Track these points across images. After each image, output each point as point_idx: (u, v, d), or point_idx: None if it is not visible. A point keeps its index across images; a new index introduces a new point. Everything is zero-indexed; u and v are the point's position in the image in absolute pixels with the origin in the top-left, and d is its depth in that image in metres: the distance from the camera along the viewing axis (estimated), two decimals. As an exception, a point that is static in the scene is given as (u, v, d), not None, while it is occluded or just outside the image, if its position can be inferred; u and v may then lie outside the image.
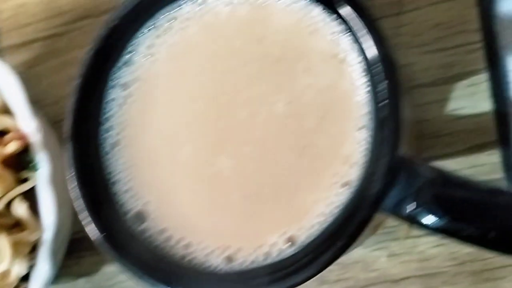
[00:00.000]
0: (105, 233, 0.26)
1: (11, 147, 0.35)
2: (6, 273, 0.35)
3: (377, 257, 0.36)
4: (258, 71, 0.25)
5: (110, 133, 0.27)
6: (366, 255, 0.36)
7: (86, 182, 0.27)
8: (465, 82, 0.34)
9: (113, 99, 0.27)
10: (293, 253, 0.24)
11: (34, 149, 0.34)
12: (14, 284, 0.35)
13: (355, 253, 0.36)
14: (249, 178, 0.25)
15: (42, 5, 0.42)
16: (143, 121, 0.27)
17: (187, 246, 0.26)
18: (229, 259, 0.25)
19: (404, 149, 0.27)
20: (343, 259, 0.25)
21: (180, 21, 0.26)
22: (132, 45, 0.27)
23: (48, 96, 0.41)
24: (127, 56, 0.27)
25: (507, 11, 0.33)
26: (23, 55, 0.42)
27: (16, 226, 0.35)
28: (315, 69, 0.25)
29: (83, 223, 0.26)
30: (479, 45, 0.34)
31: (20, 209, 0.35)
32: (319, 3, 0.24)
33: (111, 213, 0.27)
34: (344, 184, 0.24)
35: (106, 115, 0.27)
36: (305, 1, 0.25)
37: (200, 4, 0.26)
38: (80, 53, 0.27)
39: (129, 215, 0.27)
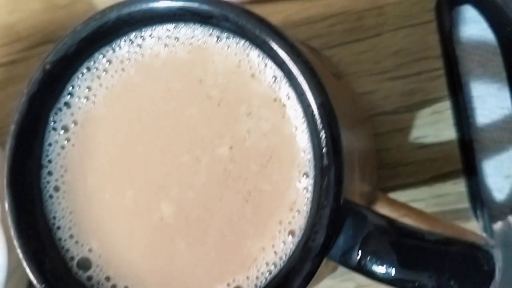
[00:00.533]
0: (44, 284, 0.24)
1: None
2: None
3: (345, 289, 0.36)
4: (200, 114, 0.24)
5: (52, 176, 0.26)
6: (334, 286, 0.36)
7: (29, 228, 0.25)
8: (428, 110, 0.33)
9: (55, 141, 0.26)
10: (239, 304, 0.24)
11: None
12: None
13: (324, 284, 0.35)
14: (193, 224, 0.24)
15: (0, 31, 0.41)
16: (84, 164, 0.26)
17: (132, 295, 0.25)
18: (175, 309, 0.24)
19: (359, 185, 0.26)
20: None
21: (118, 62, 0.25)
22: (72, 86, 0.26)
23: (6, 124, 0.40)
24: (67, 97, 0.26)
25: (468, 36, 0.32)
26: (-18, 83, 0.41)
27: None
28: (258, 112, 0.24)
29: (27, 271, 0.25)
30: (441, 71, 0.33)
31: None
32: (256, 46, 0.23)
33: (57, 259, 0.26)
34: (290, 232, 0.23)
35: (49, 158, 0.26)
36: (245, 44, 0.24)
37: (138, 45, 0.25)
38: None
39: (74, 262, 0.26)
